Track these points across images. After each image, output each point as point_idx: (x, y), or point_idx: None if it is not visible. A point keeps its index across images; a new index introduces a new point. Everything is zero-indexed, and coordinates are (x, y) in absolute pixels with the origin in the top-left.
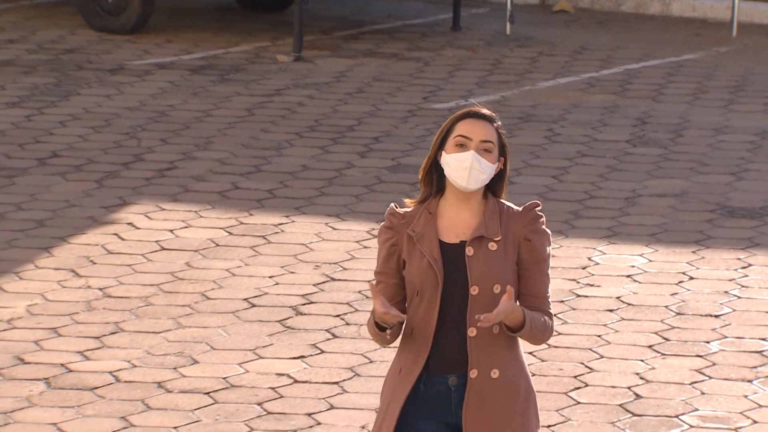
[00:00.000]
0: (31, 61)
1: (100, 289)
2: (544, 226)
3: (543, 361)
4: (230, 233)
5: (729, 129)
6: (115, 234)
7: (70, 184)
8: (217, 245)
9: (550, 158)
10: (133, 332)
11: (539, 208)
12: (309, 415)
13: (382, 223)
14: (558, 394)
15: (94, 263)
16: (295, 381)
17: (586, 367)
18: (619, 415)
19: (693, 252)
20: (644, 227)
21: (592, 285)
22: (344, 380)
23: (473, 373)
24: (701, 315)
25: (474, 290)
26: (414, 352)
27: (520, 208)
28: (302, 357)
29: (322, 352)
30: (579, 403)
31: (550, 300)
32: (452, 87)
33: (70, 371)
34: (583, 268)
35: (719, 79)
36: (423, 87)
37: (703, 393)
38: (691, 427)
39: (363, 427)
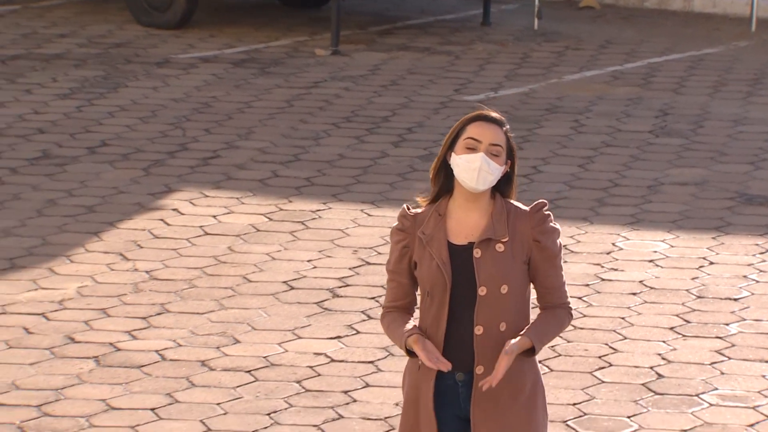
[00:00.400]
0: (81, 55)
1: (147, 271)
2: (552, 224)
3: (569, 342)
4: (270, 219)
5: (747, 120)
6: (161, 219)
7: (118, 171)
8: (258, 230)
9: (576, 148)
10: (178, 313)
11: (546, 208)
12: (345, 392)
13: (395, 225)
14: (583, 373)
15: (141, 247)
16: (332, 360)
17: (611, 347)
18: (642, 393)
19: (713, 238)
20: (666, 214)
21: (616, 269)
22: (379, 359)
23: (479, 370)
24: (721, 298)
25: (482, 291)
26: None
27: (528, 209)
28: (339, 337)
29: (358, 332)
30: (603, 382)
31: (566, 290)
32: (482, 80)
33: (119, 350)
34: (608, 253)
35: (738, 73)
36: (454, 80)
37: (722, 373)
38: (711, 405)
39: (397, 404)
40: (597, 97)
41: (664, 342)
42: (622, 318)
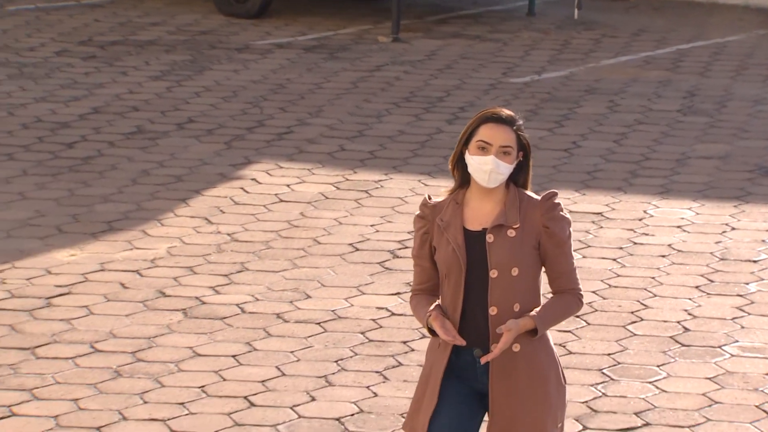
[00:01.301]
0: (171, 41)
1: (229, 234)
2: (562, 213)
3: (604, 299)
4: (338, 188)
5: (766, 100)
6: (241, 188)
7: (203, 145)
8: (327, 198)
9: (611, 125)
10: (256, 271)
11: (556, 197)
12: (404, 342)
13: (417, 213)
14: (617, 327)
15: (223, 212)
16: (392, 314)
17: (642, 304)
18: (670, 345)
19: (734, 206)
20: (692, 185)
21: (647, 234)
22: None
23: (494, 347)
24: (741, 260)
25: (493, 273)
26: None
27: (538, 198)
28: (398, 293)
29: None
30: (635, 335)
31: (576, 276)
32: (527, 64)
33: (204, 303)
34: (639, 220)
35: (759, 58)
36: (502, 64)
37: (742, 327)
38: (732, 356)
39: None
40: (631, 80)
41: (690, 299)
42: (652, 278)
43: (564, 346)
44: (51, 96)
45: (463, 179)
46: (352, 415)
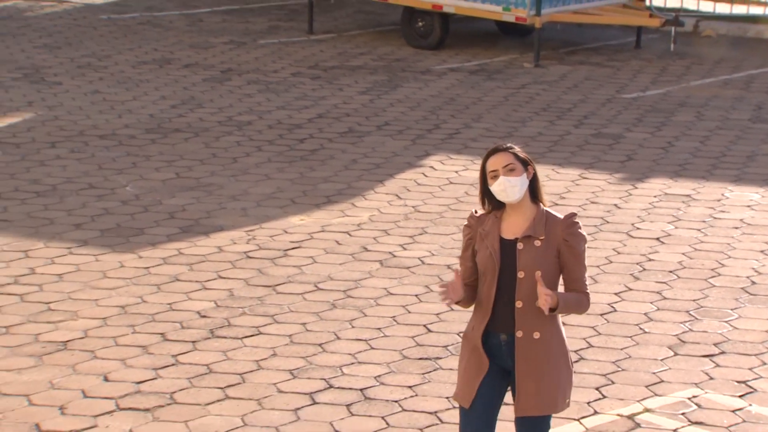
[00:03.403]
0: (373, 66)
1: (413, 206)
2: (579, 230)
3: (691, 259)
4: None
5: None
6: (422, 173)
7: (395, 141)
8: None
9: (697, 130)
10: (433, 234)
11: (576, 217)
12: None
13: (465, 223)
14: (700, 280)
15: (409, 191)
16: None
17: (719, 263)
18: (740, 294)
19: None
20: (759, 175)
21: (723, 212)
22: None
23: (519, 334)
24: None
25: (521, 274)
26: (480, 316)
27: (562, 216)
28: None
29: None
30: (714, 286)
31: (586, 282)
32: (635, 84)
33: (395, 256)
34: (718, 201)
35: None
36: (616, 84)
37: None
38: None
39: None
40: (713, 96)
41: (756, 260)
42: (728, 243)
43: (660, 293)
44: (288, 105)
45: (495, 205)
46: None
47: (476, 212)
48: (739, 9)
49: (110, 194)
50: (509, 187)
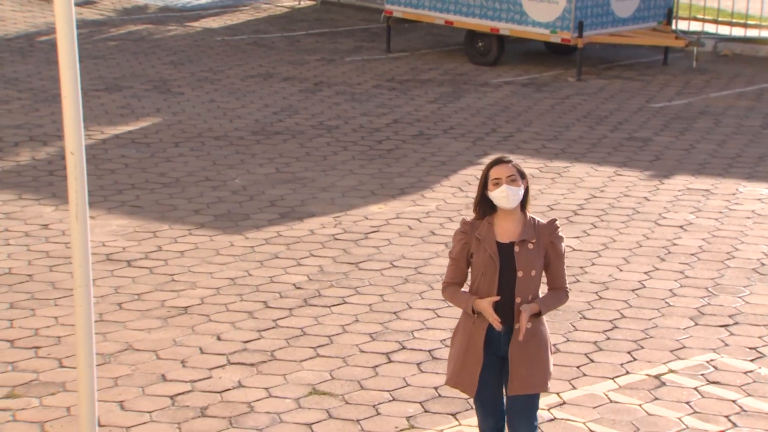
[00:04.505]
0: (440, 79)
1: (472, 198)
2: (561, 234)
3: (709, 243)
4: (540, 171)
5: None
6: (481, 170)
7: (458, 143)
8: (533, 177)
9: (715, 135)
10: None
11: (557, 222)
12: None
13: (458, 228)
14: (717, 261)
15: (470, 184)
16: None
17: (734, 248)
18: (752, 274)
19: None
20: None
21: (737, 203)
22: None
23: (517, 325)
24: None
25: (520, 273)
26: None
27: (546, 222)
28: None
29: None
30: (729, 266)
31: (566, 278)
32: (662, 95)
33: None
34: (733, 194)
35: None
36: (646, 95)
37: None
38: None
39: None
40: (729, 106)
41: (766, 246)
42: (741, 231)
43: (683, 273)
44: (369, 112)
45: (484, 212)
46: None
47: (466, 220)
48: (752, 32)
49: (222, 185)
50: (511, 195)
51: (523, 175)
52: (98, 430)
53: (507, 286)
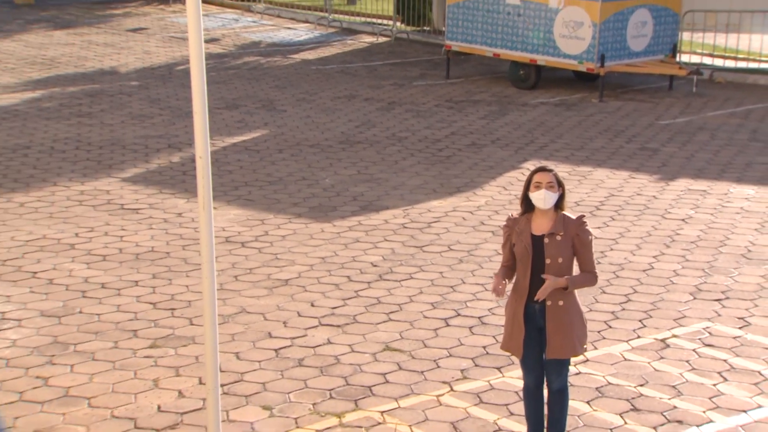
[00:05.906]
0: (488, 100)
1: (515, 195)
2: (587, 227)
3: (706, 233)
4: (569, 174)
5: None
6: (521, 172)
7: (502, 151)
8: (569, 175)
9: (711, 146)
10: None
11: (585, 218)
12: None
13: (503, 223)
14: (713, 248)
15: (512, 184)
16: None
17: (726, 237)
18: (741, 258)
19: None
20: (754, 177)
21: (729, 202)
22: None
23: (549, 303)
24: None
25: (547, 260)
26: (520, 292)
27: (574, 217)
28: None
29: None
30: (722, 253)
31: (594, 263)
32: (668, 114)
33: (502, 228)
34: (725, 194)
35: None
36: (654, 114)
37: None
38: None
39: None
40: (722, 123)
41: (752, 236)
42: (731, 223)
43: (684, 257)
44: (431, 126)
45: (527, 208)
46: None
47: (512, 215)
48: (741, 64)
49: (315, 184)
50: (548, 198)
51: (560, 183)
52: (220, 374)
53: (538, 271)
